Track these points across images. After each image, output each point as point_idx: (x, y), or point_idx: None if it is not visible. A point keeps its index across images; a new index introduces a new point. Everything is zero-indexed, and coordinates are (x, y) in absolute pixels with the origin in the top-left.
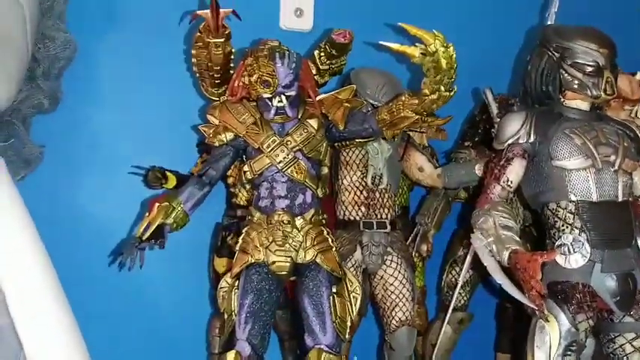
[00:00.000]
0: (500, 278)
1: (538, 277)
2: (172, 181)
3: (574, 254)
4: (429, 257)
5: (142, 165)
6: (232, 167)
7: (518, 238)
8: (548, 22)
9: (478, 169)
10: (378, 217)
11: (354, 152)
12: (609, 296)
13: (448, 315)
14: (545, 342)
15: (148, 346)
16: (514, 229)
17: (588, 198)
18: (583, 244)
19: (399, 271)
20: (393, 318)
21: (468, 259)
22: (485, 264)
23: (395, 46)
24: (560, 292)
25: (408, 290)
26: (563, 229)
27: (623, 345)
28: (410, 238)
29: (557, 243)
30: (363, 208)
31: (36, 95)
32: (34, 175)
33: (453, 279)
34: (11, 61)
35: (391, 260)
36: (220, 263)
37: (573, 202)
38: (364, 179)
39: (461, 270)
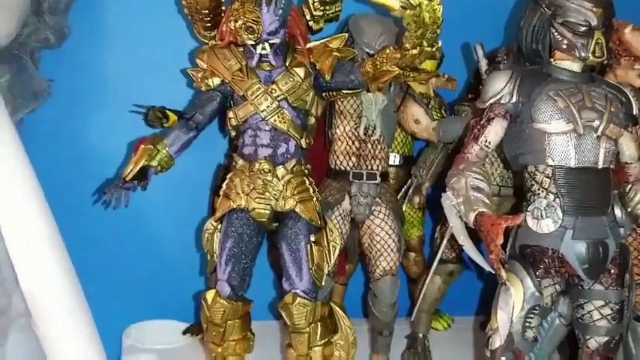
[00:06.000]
0: (463, 240)
1: (499, 241)
2: (173, 120)
3: (545, 219)
4: (421, 209)
5: (146, 102)
6: None
7: (487, 201)
8: None
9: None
10: (369, 168)
11: (348, 101)
12: (578, 263)
13: (434, 265)
14: (509, 304)
15: (148, 278)
16: (485, 190)
17: (566, 163)
18: (555, 210)
19: (386, 222)
20: (378, 267)
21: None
22: (450, 224)
23: None
24: (529, 255)
25: (393, 241)
26: (539, 193)
27: (591, 312)
28: (403, 189)
29: (530, 207)
30: (353, 159)
31: (42, 30)
32: (41, 109)
33: (446, 229)
34: None
35: (379, 211)
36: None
37: (551, 166)
38: (357, 129)
39: None
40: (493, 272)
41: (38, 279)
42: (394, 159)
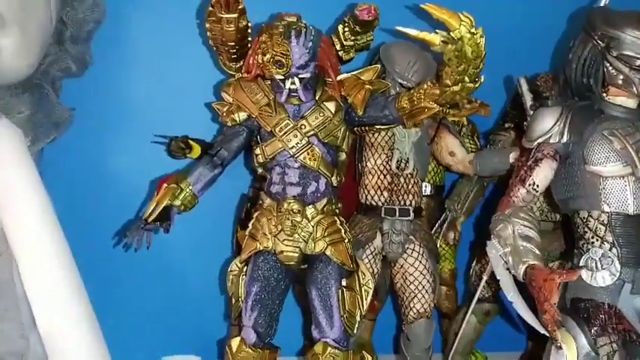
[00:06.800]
0: (512, 296)
1: (554, 300)
2: (197, 151)
3: (601, 271)
4: (456, 245)
5: (170, 132)
6: None
7: (537, 251)
8: (600, 4)
9: (512, 158)
10: (401, 203)
11: (379, 134)
12: (638, 319)
13: (472, 306)
14: None
15: (169, 314)
16: (535, 239)
17: (624, 210)
18: (613, 261)
19: (420, 261)
20: (411, 309)
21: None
22: (497, 277)
23: (413, 32)
24: (583, 310)
25: (428, 281)
26: (593, 242)
27: None
28: (437, 224)
29: (584, 257)
30: (385, 193)
31: (64, 59)
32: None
33: (483, 268)
34: (33, 27)
35: (412, 249)
36: (243, 235)
37: (606, 213)
38: (389, 163)
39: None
40: (546, 334)
41: (56, 320)
42: (425, 188)
